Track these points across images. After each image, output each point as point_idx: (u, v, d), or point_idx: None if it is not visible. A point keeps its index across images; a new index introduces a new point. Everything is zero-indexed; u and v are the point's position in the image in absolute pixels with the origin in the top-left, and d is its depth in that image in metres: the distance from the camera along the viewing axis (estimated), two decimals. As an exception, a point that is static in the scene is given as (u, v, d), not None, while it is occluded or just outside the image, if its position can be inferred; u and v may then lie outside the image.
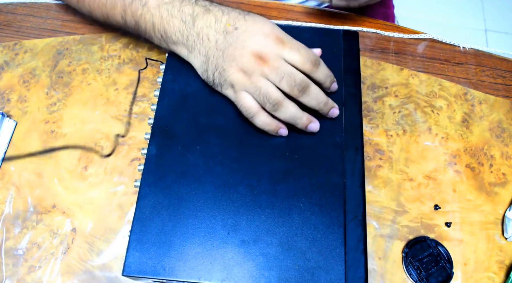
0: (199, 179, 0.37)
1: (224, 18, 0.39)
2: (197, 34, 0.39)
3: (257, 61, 0.37)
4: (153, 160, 0.38)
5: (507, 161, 0.46)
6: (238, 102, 0.39)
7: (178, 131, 0.39)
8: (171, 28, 0.40)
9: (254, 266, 0.34)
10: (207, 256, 0.34)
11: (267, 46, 0.38)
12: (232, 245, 0.35)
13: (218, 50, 0.38)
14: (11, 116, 0.46)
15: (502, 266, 0.41)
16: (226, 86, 0.39)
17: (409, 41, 0.53)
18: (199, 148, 0.38)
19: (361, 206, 0.37)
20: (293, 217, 0.36)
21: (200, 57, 0.40)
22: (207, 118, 0.40)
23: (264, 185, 0.37)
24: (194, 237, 0.35)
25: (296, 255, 0.35)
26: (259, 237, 0.35)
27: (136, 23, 0.42)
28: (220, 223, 0.35)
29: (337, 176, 0.38)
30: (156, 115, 0.40)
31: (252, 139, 0.39)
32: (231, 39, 0.38)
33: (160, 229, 0.35)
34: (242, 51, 0.38)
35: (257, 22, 0.39)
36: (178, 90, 0.41)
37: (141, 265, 0.34)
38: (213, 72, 0.39)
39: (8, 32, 0.52)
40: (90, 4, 0.46)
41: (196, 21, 0.39)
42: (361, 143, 0.40)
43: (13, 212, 0.42)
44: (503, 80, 0.51)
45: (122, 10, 0.42)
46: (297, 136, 0.40)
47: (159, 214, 0.36)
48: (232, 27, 0.38)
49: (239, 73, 0.38)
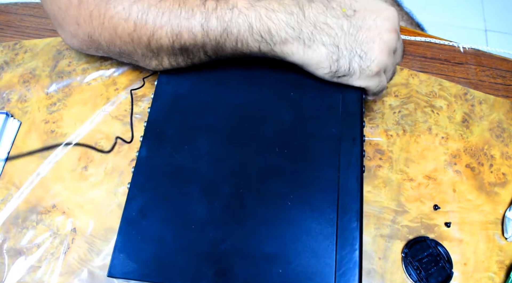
0: (186, 180, 0.36)
1: (332, 3, 0.37)
2: (312, 24, 0.36)
3: (396, 36, 0.37)
4: (143, 162, 0.37)
5: (507, 161, 0.46)
6: (380, 84, 0.39)
7: (169, 133, 0.39)
8: (277, 25, 0.36)
9: (240, 270, 0.33)
10: (193, 259, 0.34)
11: (394, 19, 0.38)
12: (218, 248, 0.34)
13: (348, 35, 0.36)
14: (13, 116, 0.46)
15: (502, 266, 0.41)
16: (370, 71, 0.37)
17: (409, 41, 0.53)
18: (187, 147, 0.38)
19: (357, 201, 0.34)
20: (280, 217, 0.34)
21: (325, 49, 0.37)
22: (196, 117, 0.39)
23: (252, 184, 0.36)
24: (180, 240, 0.34)
25: (283, 259, 0.33)
26: (246, 240, 0.34)
27: (224, 31, 0.37)
28: (206, 225, 0.35)
29: (331, 170, 0.35)
30: (149, 117, 0.40)
31: (241, 136, 0.38)
32: (357, 22, 0.37)
33: (146, 231, 0.34)
34: (378, 30, 0.37)
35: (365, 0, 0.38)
36: (171, 92, 0.41)
37: (125, 266, 0.33)
38: (349, 60, 0.37)
39: (8, 32, 0.52)
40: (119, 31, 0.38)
41: (305, 11, 0.36)
42: (360, 133, 0.37)
43: (13, 212, 0.42)
44: (503, 80, 0.51)
45: (203, 19, 0.37)
46: (288, 130, 0.38)
47: (146, 215, 0.35)
48: (350, 11, 0.37)
49: (383, 52, 0.37)
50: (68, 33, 0.41)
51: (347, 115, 0.38)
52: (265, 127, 0.38)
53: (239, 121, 0.39)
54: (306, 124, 0.38)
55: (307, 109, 0.39)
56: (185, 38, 0.37)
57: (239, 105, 0.39)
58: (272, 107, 0.39)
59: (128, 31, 0.38)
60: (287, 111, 0.39)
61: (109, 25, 0.38)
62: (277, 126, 0.38)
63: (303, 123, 0.38)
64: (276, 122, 0.38)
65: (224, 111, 0.39)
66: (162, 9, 0.37)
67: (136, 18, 0.37)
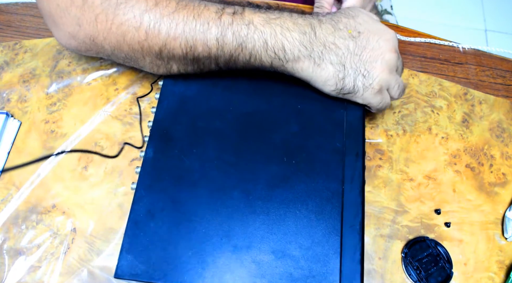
0: (195, 183, 0.37)
1: (339, 25, 0.39)
2: (322, 44, 0.38)
3: (396, 56, 0.39)
4: (150, 163, 0.38)
5: (507, 161, 0.46)
6: (383, 102, 0.40)
7: (176, 135, 0.39)
8: (291, 43, 0.37)
9: (246, 273, 0.34)
10: (199, 261, 0.34)
11: (394, 40, 0.40)
12: (225, 251, 0.34)
13: (354, 55, 0.38)
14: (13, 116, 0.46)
15: (502, 266, 0.41)
16: (372, 89, 0.39)
17: (409, 41, 0.53)
18: (195, 151, 0.38)
19: (359, 214, 0.36)
20: (288, 224, 0.35)
21: (332, 67, 0.38)
22: (205, 122, 0.40)
23: (260, 190, 0.37)
24: (188, 242, 0.35)
25: (290, 263, 0.34)
26: (252, 244, 0.35)
27: (239, 45, 0.37)
28: (214, 228, 0.35)
29: (335, 182, 0.37)
30: (155, 118, 0.40)
31: (250, 143, 0.39)
32: (362, 43, 0.39)
33: (153, 232, 0.35)
34: (381, 50, 0.39)
35: (365, 21, 0.40)
36: (178, 93, 0.41)
37: (133, 268, 0.33)
38: (354, 79, 0.38)
39: (8, 32, 0.52)
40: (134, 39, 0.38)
41: (316, 31, 0.38)
42: (362, 149, 0.39)
43: (13, 212, 0.42)
44: (503, 80, 0.51)
45: (219, 33, 0.37)
46: (295, 141, 0.39)
47: (154, 217, 0.35)
48: (355, 32, 0.39)
49: (385, 71, 0.39)
50: (65, 33, 0.40)
51: (350, 131, 0.40)
52: (274, 137, 0.39)
53: (247, 128, 0.39)
54: (312, 136, 0.39)
55: (313, 122, 0.40)
56: (199, 51, 0.38)
57: (247, 113, 0.40)
58: (280, 118, 0.40)
59: (138, 39, 0.37)
60: (294, 122, 0.40)
61: (117, 31, 0.38)
62: (285, 137, 0.39)
63: (310, 135, 0.39)
64: (284, 133, 0.39)
65: (232, 118, 0.40)
66: (176, 20, 0.37)
67: (148, 28, 0.37)
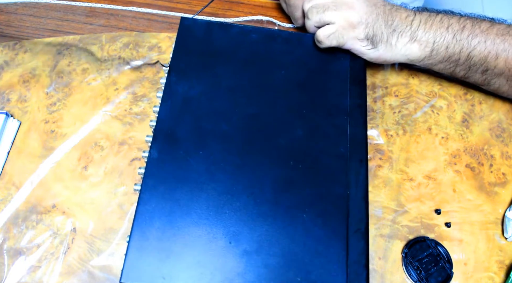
0: (201, 185, 0.36)
1: None
2: None
3: None
4: (155, 164, 0.37)
5: (507, 161, 0.46)
6: None
7: (181, 136, 0.38)
8: None
9: (256, 277, 0.33)
10: (207, 265, 0.34)
11: None
12: (233, 255, 0.34)
13: None
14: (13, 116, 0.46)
15: (502, 266, 0.41)
16: None
17: (409, 41, 0.53)
18: (201, 153, 0.38)
19: (364, 218, 0.36)
20: (295, 228, 0.35)
21: None
22: (210, 123, 0.39)
23: (267, 194, 0.36)
24: (195, 245, 0.34)
25: (298, 267, 0.34)
26: (261, 248, 0.34)
27: None
28: (221, 231, 0.35)
29: (340, 187, 0.37)
30: (159, 118, 0.39)
31: (256, 146, 0.39)
32: None
33: (160, 236, 0.34)
34: None
35: None
36: (182, 93, 0.40)
37: (139, 272, 0.33)
38: None
39: (8, 32, 0.52)
40: None
41: None
42: (365, 155, 0.39)
43: (13, 212, 0.42)
44: (503, 80, 0.51)
45: None
46: (301, 146, 0.39)
47: (160, 220, 0.35)
48: None
49: None
50: None
51: (354, 137, 0.40)
52: (279, 140, 0.39)
53: (253, 131, 0.39)
54: (317, 141, 0.39)
55: (318, 127, 0.40)
56: None
57: (253, 116, 0.40)
58: (285, 122, 0.40)
59: None
60: (299, 127, 0.40)
61: None
62: (290, 141, 0.39)
63: (315, 140, 0.39)
64: (289, 137, 0.39)
65: (238, 120, 0.40)
66: None
67: None
